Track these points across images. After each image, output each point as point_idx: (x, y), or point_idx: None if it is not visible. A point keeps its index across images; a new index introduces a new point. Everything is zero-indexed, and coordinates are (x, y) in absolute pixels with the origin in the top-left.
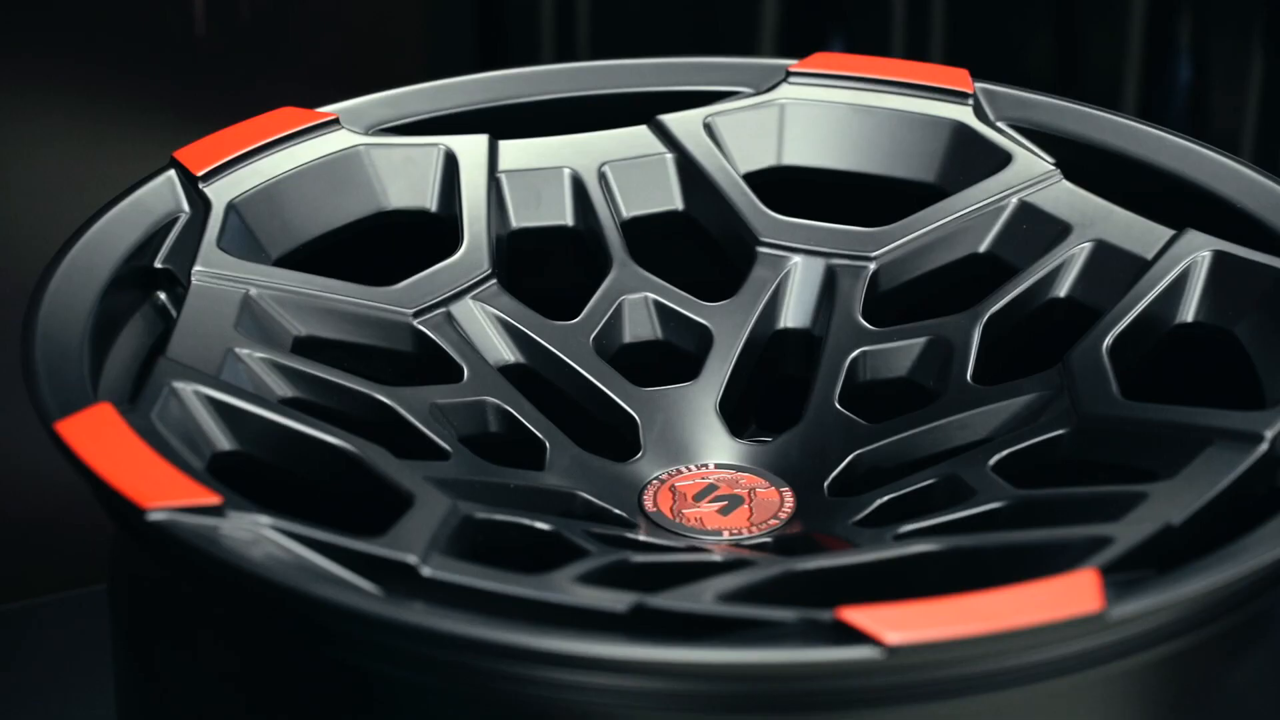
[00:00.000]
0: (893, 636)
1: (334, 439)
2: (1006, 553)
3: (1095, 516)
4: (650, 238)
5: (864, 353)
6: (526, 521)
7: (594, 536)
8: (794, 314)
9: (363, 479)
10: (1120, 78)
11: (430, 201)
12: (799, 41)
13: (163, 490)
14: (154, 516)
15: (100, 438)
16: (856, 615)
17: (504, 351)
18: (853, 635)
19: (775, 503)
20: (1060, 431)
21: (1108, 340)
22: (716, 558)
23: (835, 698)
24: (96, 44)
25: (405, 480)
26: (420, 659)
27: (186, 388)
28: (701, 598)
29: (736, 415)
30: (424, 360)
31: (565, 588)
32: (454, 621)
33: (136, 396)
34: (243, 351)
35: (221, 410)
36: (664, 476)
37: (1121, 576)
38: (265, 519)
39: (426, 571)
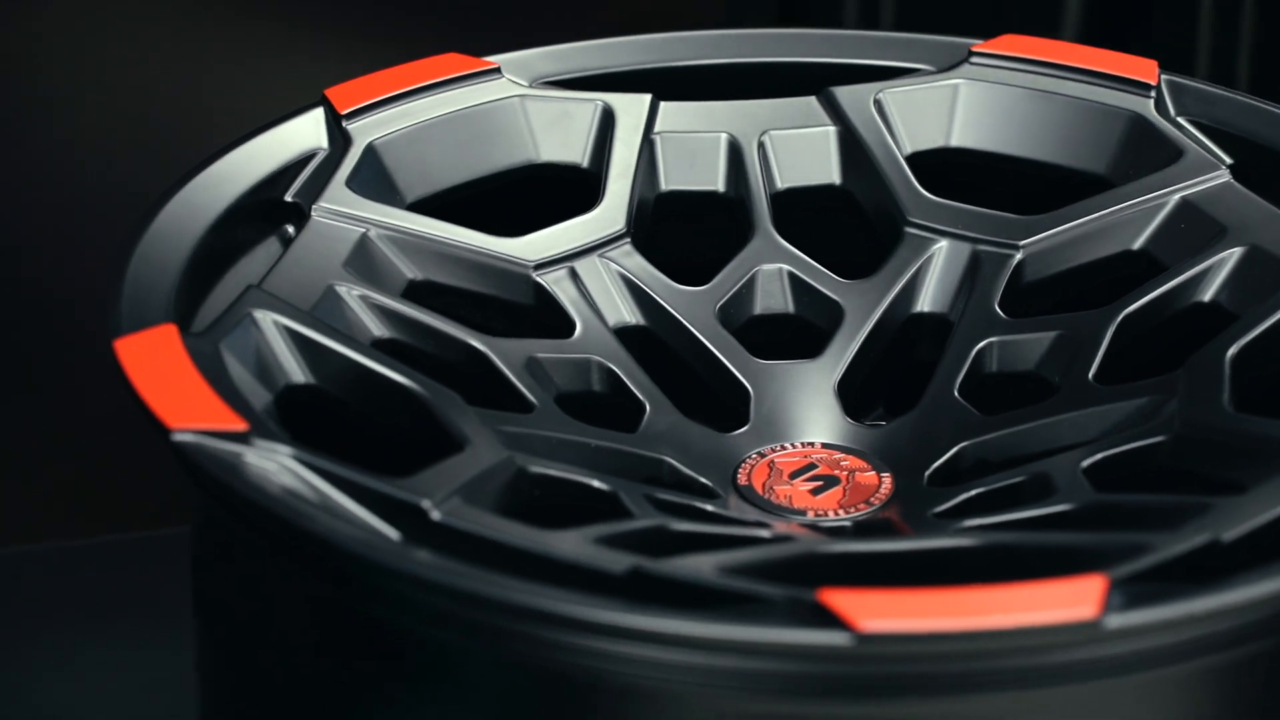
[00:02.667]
0: (869, 624)
1: (403, 379)
2: (1043, 554)
3: (1155, 525)
4: (802, 211)
5: (992, 343)
6: (583, 479)
7: (655, 502)
8: (932, 298)
9: (428, 422)
10: None
11: (582, 157)
12: (1099, 37)
13: (192, 413)
14: (178, 437)
15: (153, 357)
16: (837, 597)
17: (624, 312)
18: (828, 618)
19: (871, 487)
20: (1160, 438)
21: (1233, 348)
22: (763, 534)
23: (817, 682)
24: None
25: (465, 427)
26: (405, 601)
27: (266, 317)
28: (700, 568)
29: (859, 396)
30: (539, 313)
31: (573, 545)
32: (401, 559)
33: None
34: (342, 289)
35: (299, 342)
36: (765, 451)
37: (1151, 586)
38: (287, 449)
39: (435, 516)
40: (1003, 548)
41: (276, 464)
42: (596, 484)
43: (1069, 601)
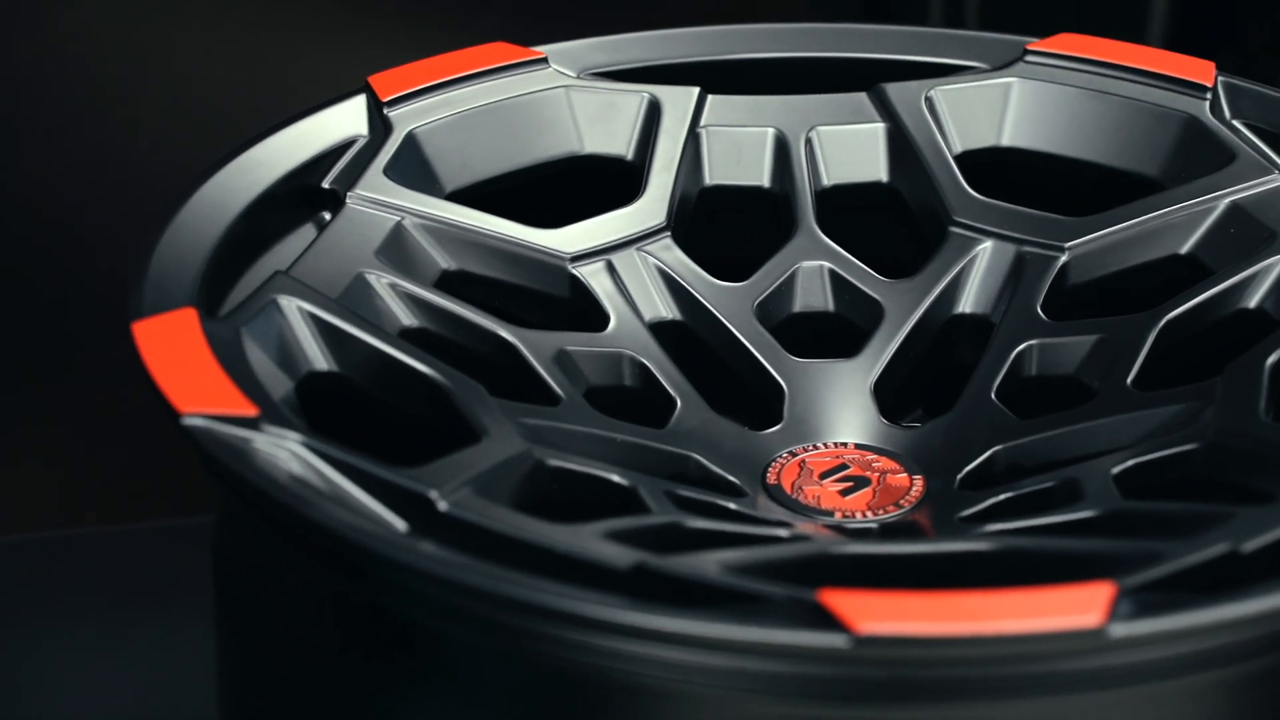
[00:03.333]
0: (867, 626)
1: (426, 368)
2: (1058, 559)
3: (1177, 534)
4: (848, 208)
5: (1032, 345)
6: (601, 474)
7: (676, 499)
8: (974, 299)
9: (450, 413)
10: None
11: (627, 150)
12: (1186, 45)
13: (203, 397)
14: (187, 421)
15: (170, 341)
16: (837, 599)
17: (660, 307)
18: (827, 620)
19: (902, 489)
20: (1194, 445)
21: (1274, 356)
22: (780, 533)
23: (814, 685)
24: None
25: (486, 419)
26: (410, 594)
27: (291, 303)
28: (705, 565)
29: (897, 397)
30: (574, 306)
31: (580, 540)
32: (394, 547)
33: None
34: (372, 276)
35: (323, 329)
36: (797, 450)
37: (1164, 596)
38: (296, 436)
39: (442, 506)
40: (1018, 553)
41: (286, 450)
42: (616, 479)
43: (1074, 608)
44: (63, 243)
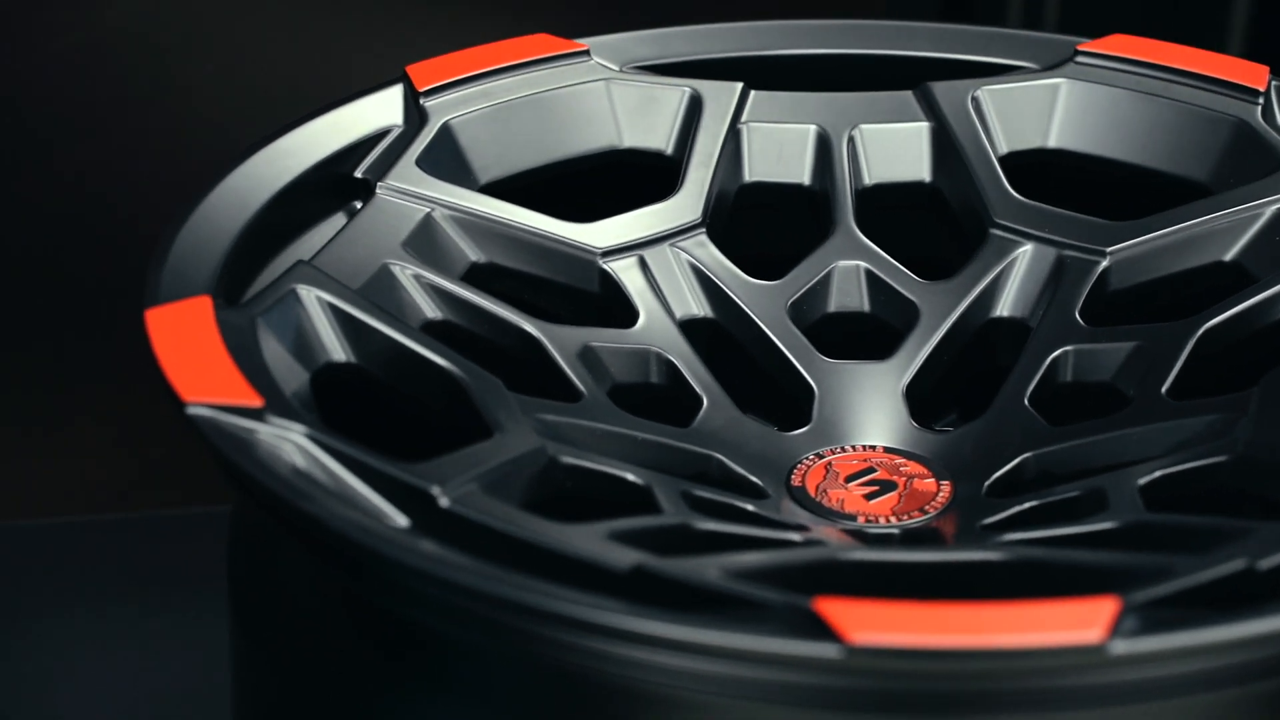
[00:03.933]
0: (860, 636)
1: (443, 362)
2: (1070, 572)
3: (1195, 548)
4: (888, 207)
5: (1068, 351)
6: (615, 472)
7: (691, 499)
8: (1013, 303)
9: (466, 407)
10: None
11: (667, 144)
12: (1266, 48)
13: (209, 387)
14: (192, 411)
15: (182, 329)
16: (832, 607)
17: (692, 304)
18: (821, 628)
19: (929, 495)
20: (1223, 458)
21: None
22: (793, 537)
23: (806, 694)
24: None
25: (501, 414)
26: (412, 593)
27: (310, 293)
28: (706, 569)
29: (931, 400)
30: (603, 301)
31: (582, 540)
32: (385, 543)
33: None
34: (396, 268)
35: (342, 320)
36: (824, 452)
37: (1174, 613)
38: (300, 428)
39: (444, 503)
40: (1030, 564)
41: (290, 443)
42: (630, 477)
43: (1075, 623)
44: (116, 227)
